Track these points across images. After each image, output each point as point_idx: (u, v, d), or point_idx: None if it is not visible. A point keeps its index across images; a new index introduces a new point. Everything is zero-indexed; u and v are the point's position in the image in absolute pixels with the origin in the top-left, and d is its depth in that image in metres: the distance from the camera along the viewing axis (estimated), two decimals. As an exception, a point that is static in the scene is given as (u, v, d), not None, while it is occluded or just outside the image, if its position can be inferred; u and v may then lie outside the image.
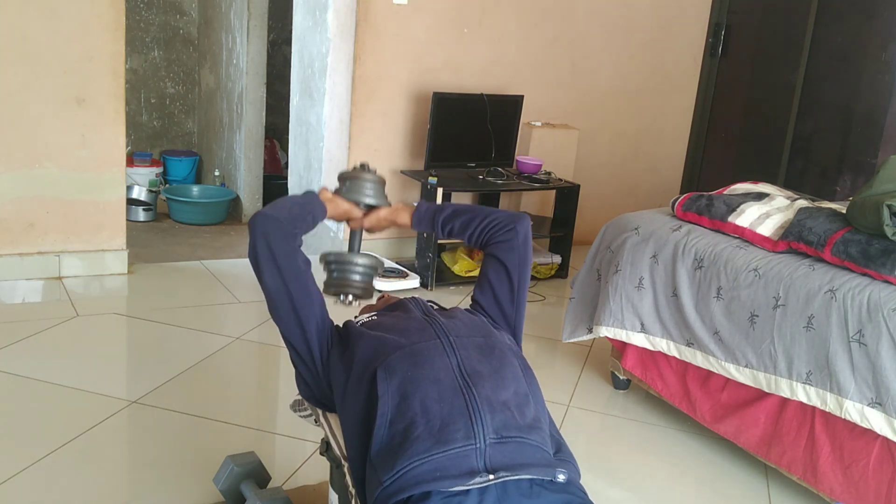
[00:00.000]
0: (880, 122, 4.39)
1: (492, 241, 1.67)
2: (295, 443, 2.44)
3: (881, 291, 2.09)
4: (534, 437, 1.33)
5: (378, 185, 1.77)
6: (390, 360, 1.39)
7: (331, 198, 1.70)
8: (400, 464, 1.25)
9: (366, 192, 1.74)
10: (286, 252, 1.50)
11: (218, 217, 4.92)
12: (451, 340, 1.44)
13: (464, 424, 1.28)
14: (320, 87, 4.16)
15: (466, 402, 1.32)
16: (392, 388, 1.34)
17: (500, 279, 1.64)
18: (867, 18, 4.46)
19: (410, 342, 1.43)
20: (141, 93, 5.51)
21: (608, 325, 2.81)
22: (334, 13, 4.00)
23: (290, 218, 1.54)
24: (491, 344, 1.48)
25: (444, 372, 1.37)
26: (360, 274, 1.72)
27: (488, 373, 1.38)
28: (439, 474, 1.23)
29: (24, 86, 3.36)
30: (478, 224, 1.68)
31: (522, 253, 1.67)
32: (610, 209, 4.57)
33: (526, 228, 1.68)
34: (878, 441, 2.12)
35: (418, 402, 1.31)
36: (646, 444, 2.69)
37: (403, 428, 1.29)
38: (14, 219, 3.46)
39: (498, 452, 1.27)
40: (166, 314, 3.32)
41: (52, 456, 2.23)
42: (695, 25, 5.10)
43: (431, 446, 1.26)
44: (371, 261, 1.74)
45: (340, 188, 1.75)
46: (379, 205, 1.76)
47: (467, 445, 1.26)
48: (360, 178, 1.75)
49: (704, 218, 2.65)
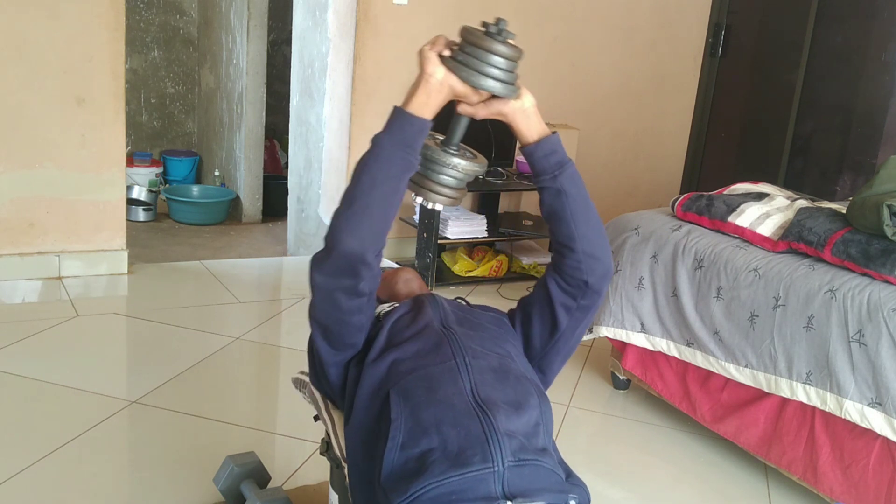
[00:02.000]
0: (880, 122, 4.39)
1: (563, 277, 1.44)
2: (295, 443, 2.44)
3: (881, 291, 2.09)
4: (547, 460, 1.27)
5: (512, 65, 1.31)
6: (404, 383, 1.31)
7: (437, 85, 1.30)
8: (413, 487, 1.18)
9: (491, 75, 1.29)
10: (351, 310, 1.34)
11: (218, 217, 4.92)
12: (467, 361, 1.34)
13: (481, 448, 1.21)
14: (320, 87, 4.16)
15: (483, 426, 1.24)
16: (406, 411, 1.27)
17: (541, 324, 1.48)
18: (867, 18, 4.46)
19: (425, 364, 1.33)
20: (141, 93, 5.51)
21: (608, 325, 2.81)
22: (334, 13, 4.00)
23: (380, 234, 1.28)
24: (506, 367, 1.37)
25: (457, 397, 1.28)
26: (454, 178, 1.39)
27: (502, 400, 1.30)
28: (455, 497, 1.16)
29: (24, 86, 3.36)
30: (577, 239, 1.40)
31: (585, 319, 1.46)
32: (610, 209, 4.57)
33: (603, 297, 1.47)
34: (878, 441, 2.12)
35: (433, 427, 1.24)
36: (646, 444, 2.69)
37: (419, 454, 1.22)
38: (14, 219, 3.46)
39: (516, 476, 1.21)
40: (166, 314, 3.32)
41: (52, 456, 2.23)
42: (695, 25, 5.10)
43: (447, 469, 1.19)
44: (473, 165, 1.40)
45: (457, 54, 1.29)
46: (506, 96, 1.33)
47: (485, 469, 1.19)
48: (488, 49, 1.28)
49: (704, 218, 2.65)
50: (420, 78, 1.31)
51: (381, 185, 1.27)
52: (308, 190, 4.38)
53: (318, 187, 4.27)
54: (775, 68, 4.90)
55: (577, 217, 1.40)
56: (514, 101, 1.37)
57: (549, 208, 1.42)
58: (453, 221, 3.98)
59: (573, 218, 1.40)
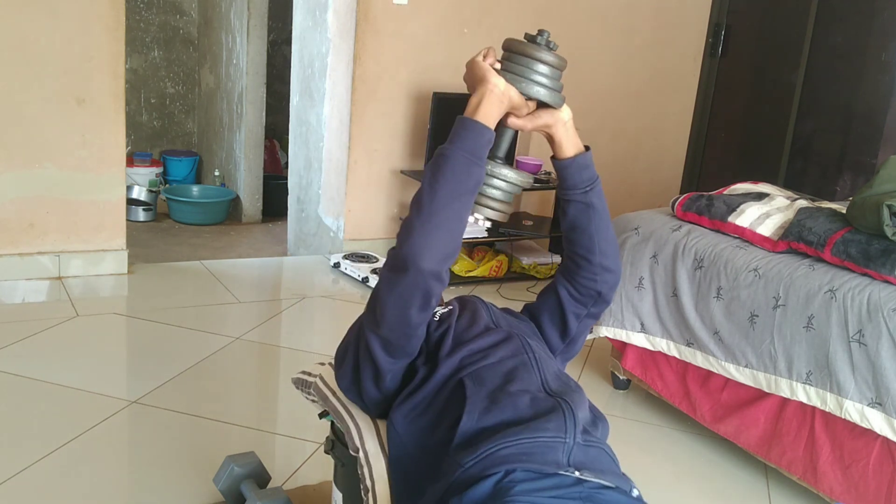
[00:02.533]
0: (880, 122, 4.39)
1: (576, 286, 1.49)
2: (295, 443, 2.44)
3: (881, 291, 2.09)
4: (609, 450, 1.31)
5: (558, 73, 1.34)
6: (479, 372, 1.31)
7: (501, 96, 1.29)
8: (484, 446, 1.18)
9: (543, 83, 1.30)
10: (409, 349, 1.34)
11: (218, 217, 4.92)
12: (537, 357, 1.37)
13: (556, 419, 1.23)
14: (320, 87, 4.16)
15: (558, 404, 1.27)
16: (481, 393, 1.27)
17: (552, 330, 1.53)
18: (867, 18, 4.46)
19: (499, 358, 1.34)
20: (141, 93, 5.51)
21: (608, 325, 2.81)
22: (334, 13, 4.00)
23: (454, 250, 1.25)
24: (563, 373, 1.43)
25: (532, 386, 1.31)
26: (503, 190, 1.36)
27: (571, 392, 1.34)
28: (525, 458, 1.17)
29: (24, 86, 3.36)
30: (596, 252, 1.45)
31: (591, 325, 1.54)
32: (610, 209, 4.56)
33: (610, 304, 1.52)
34: (878, 441, 2.12)
35: (510, 406, 1.25)
36: (646, 444, 2.69)
37: (495, 423, 1.22)
38: (14, 219, 3.46)
39: (583, 453, 1.23)
40: (166, 314, 3.32)
41: (52, 456, 2.23)
42: (695, 25, 5.10)
43: (521, 431, 1.20)
44: (520, 177, 1.38)
45: (506, 66, 1.31)
46: (554, 104, 1.35)
47: (556, 438, 1.21)
48: (539, 59, 1.30)
49: (704, 218, 2.65)
50: (484, 89, 1.29)
51: (458, 199, 1.24)
52: (308, 190, 4.38)
53: (318, 187, 4.27)
54: (775, 68, 4.90)
55: (600, 231, 1.45)
56: (558, 114, 1.39)
57: (575, 220, 1.45)
58: (453, 221, 3.97)
59: (597, 232, 1.44)
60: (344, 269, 4.00)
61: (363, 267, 3.97)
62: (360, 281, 3.88)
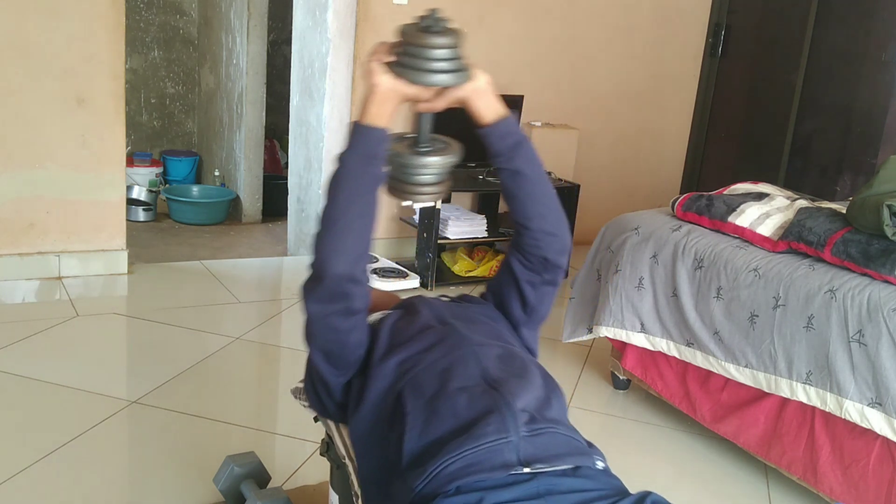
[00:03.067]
0: (880, 122, 4.39)
1: (524, 254, 1.47)
2: (295, 443, 2.44)
3: (881, 291, 2.09)
4: (562, 428, 1.29)
5: (454, 52, 1.28)
6: (416, 379, 1.30)
7: (387, 93, 1.30)
8: (431, 465, 1.19)
9: (436, 69, 1.26)
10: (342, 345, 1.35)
11: (218, 217, 4.92)
12: (475, 350, 1.36)
13: (494, 420, 1.22)
14: (320, 87, 4.16)
15: (495, 401, 1.26)
16: (419, 404, 1.27)
17: (513, 302, 1.52)
18: (867, 18, 4.46)
19: (434, 358, 1.34)
20: (141, 93, 5.51)
21: (608, 325, 2.81)
22: (334, 13, 4.00)
23: (364, 250, 1.28)
24: (511, 353, 1.40)
25: (471, 381, 1.30)
26: (432, 174, 1.37)
27: (513, 379, 1.32)
28: (473, 469, 1.17)
29: (24, 86, 3.36)
30: (534, 217, 1.42)
31: (552, 293, 1.50)
32: (610, 209, 4.56)
33: (565, 271, 1.50)
34: (878, 441, 2.12)
35: (450, 412, 1.25)
36: (646, 444, 2.69)
37: (437, 437, 1.23)
38: (14, 219, 3.46)
39: (531, 445, 1.22)
40: (166, 314, 3.32)
41: (52, 456, 2.23)
42: (695, 25, 5.10)
43: (463, 443, 1.19)
44: (444, 158, 1.37)
45: (400, 60, 1.29)
46: (456, 84, 1.30)
47: (500, 439, 1.20)
48: (427, 45, 1.26)
49: (704, 218, 2.65)
50: (369, 90, 1.32)
51: (356, 201, 1.27)
52: (308, 190, 4.38)
53: (318, 187, 4.27)
54: (775, 68, 4.90)
55: (533, 196, 1.42)
56: (468, 84, 1.34)
57: (507, 188, 1.43)
58: (453, 221, 3.98)
59: (529, 197, 1.42)
60: (344, 269, 3.99)
61: (363, 267, 3.96)
62: (360, 281, 3.87)
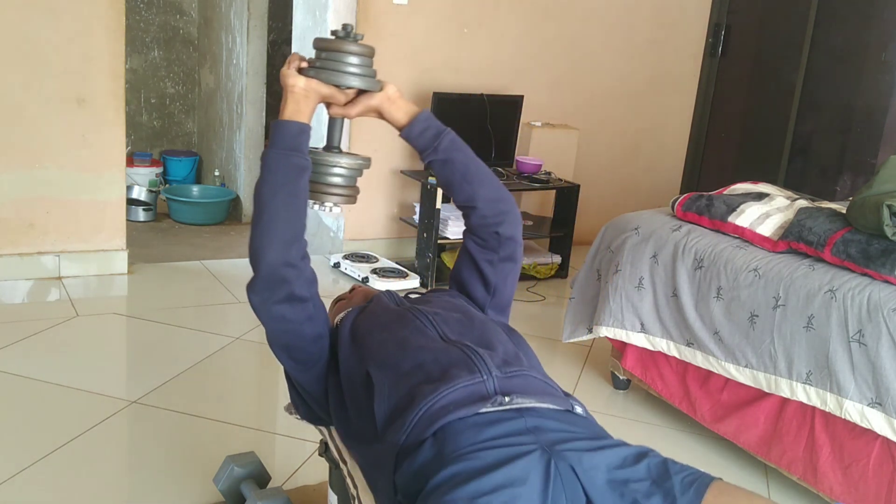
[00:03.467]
0: (880, 122, 4.39)
1: (477, 234, 1.51)
2: (295, 443, 2.44)
3: (881, 291, 2.09)
4: (536, 374, 1.29)
5: (366, 60, 1.41)
6: (378, 355, 1.33)
7: (303, 92, 1.37)
8: (410, 415, 1.18)
9: (349, 71, 1.38)
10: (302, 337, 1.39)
11: (218, 217, 4.92)
12: (430, 318, 1.38)
13: (466, 366, 1.23)
14: (320, 87, 4.16)
15: (462, 351, 1.27)
16: (386, 372, 1.29)
17: (474, 284, 1.53)
18: (867, 18, 4.46)
19: (392, 333, 1.36)
20: (141, 93, 5.51)
21: (608, 325, 2.80)
22: (334, 13, 4.00)
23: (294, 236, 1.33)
24: (470, 316, 1.42)
25: (431, 343, 1.32)
26: (342, 177, 1.46)
27: (472, 339, 1.33)
28: (452, 407, 1.17)
29: (24, 86, 3.36)
30: (477, 197, 1.47)
31: (512, 269, 1.53)
32: (610, 209, 4.56)
33: (520, 241, 1.52)
34: (878, 441, 2.12)
35: (416, 367, 1.26)
36: (646, 444, 2.68)
37: (406, 391, 1.23)
38: (14, 219, 3.46)
39: (507, 384, 1.22)
40: (166, 314, 3.32)
41: (52, 456, 2.23)
42: (695, 25, 5.10)
43: (437, 387, 1.20)
44: (354, 160, 1.48)
45: (315, 63, 1.40)
46: (367, 88, 1.42)
47: (475, 379, 1.22)
48: (340, 51, 1.38)
49: (704, 218, 2.65)
50: (286, 91, 1.38)
51: (280, 190, 1.33)
52: (308, 190, 4.38)
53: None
54: (775, 68, 4.90)
55: (469, 177, 1.47)
56: (380, 94, 1.45)
57: (443, 178, 1.50)
58: (453, 221, 3.97)
59: (466, 178, 1.47)
60: (344, 269, 4.00)
61: (363, 267, 3.97)
62: (359, 281, 3.88)
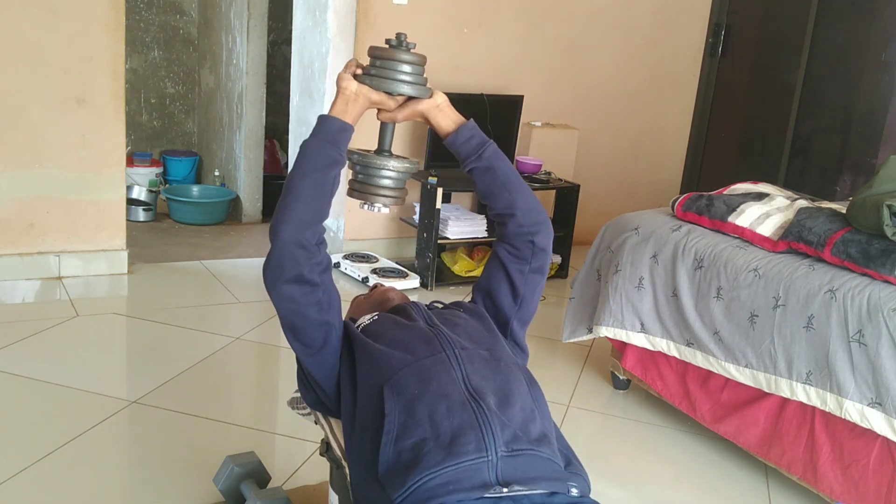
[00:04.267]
0: (880, 122, 4.39)
1: (511, 243, 1.55)
2: (295, 443, 2.44)
3: (881, 291, 2.09)
4: (544, 449, 1.30)
5: (417, 68, 1.49)
6: (397, 377, 1.33)
7: (354, 94, 1.45)
8: (411, 479, 1.21)
9: (401, 79, 1.46)
10: (306, 318, 1.41)
11: (218, 217, 4.92)
12: (457, 353, 1.38)
13: (475, 437, 1.24)
14: (320, 87, 4.16)
15: (476, 414, 1.28)
16: (399, 405, 1.30)
17: (503, 293, 1.57)
18: (867, 18, 4.46)
19: (417, 358, 1.37)
20: (141, 93, 5.51)
21: (608, 325, 2.81)
22: (334, 13, 4.00)
23: (313, 220, 1.36)
24: (497, 357, 1.42)
25: (451, 386, 1.32)
26: (391, 179, 1.51)
27: (494, 389, 1.34)
28: (452, 487, 1.19)
29: (24, 86, 3.36)
30: (515, 206, 1.52)
31: (540, 281, 1.57)
32: (610, 209, 4.56)
33: (549, 253, 1.58)
34: (878, 441, 2.12)
35: (427, 418, 1.27)
36: (646, 444, 2.69)
37: (412, 444, 1.25)
38: (14, 219, 3.46)
39: (510, 466, 1.24)
40: (166, 314, 3.32)
41: (52, 456, 2.23)
42: (695, 25, 5.10)
43: (442, 459, 1.22)
44: (404, 164, 1.52)
45: (369, 70, 1.48)
46: (417, 95, 1.49)
47: (479, 458, 1.22)
48: (394, 58, 1.46)
49: (704, 218, 2.65)
50: (337, 92, 1.47)
51: (309, 175, 1.38)
52: (308, 190, 4.38)
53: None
54: (775, 68, 4.90)
55: (509, 186, 1.52)
56: (429, 101, 1.51)
57: (484, 185, 1.54)
58: (453, 221, 3.98)
59: (506, 187, 1.52)
60: (344, 269, 4.00)
61: (363, 267, 3.97)
62: (359, 281, 3.88)
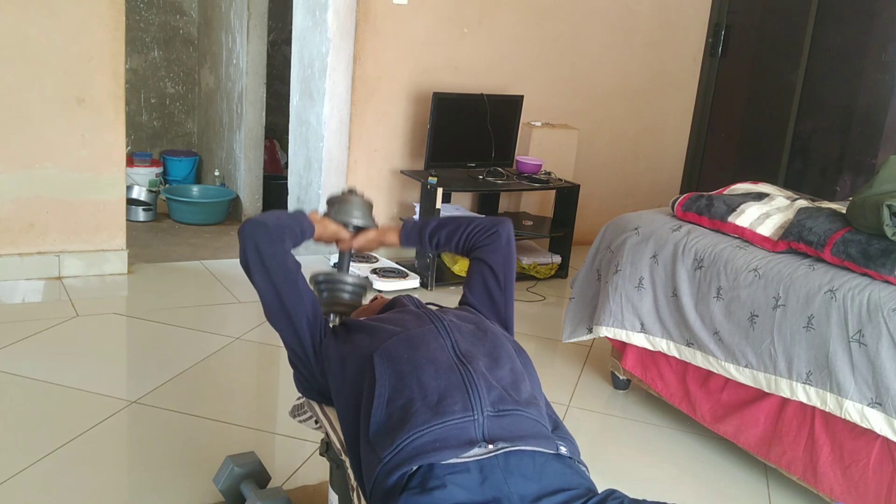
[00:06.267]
0: (880, 122, 4.39)
1: (476, 246, 1.73)
2: (295, 443, 2.44)
3: (881, 291, 2.09)
4: (531, 411, 1.36)
5: (365, 207, 1.86)
6: (387, 344, 1.43)
7: (319, 219, 1.76)
8: (399, 438, 1.27)
9: (353, 214, 1.82)
10: (274, 254, 1.55)
11: (218, 217, 4.92)
12: (445, 324, 1.49)
13: (461, 397, 1.31)
14: (320, 87, 4.16)
15: (463, 377, 1.35)
16: (389, 370, 1.38)
17: (486, 280, 1.70)
18: (867, 18, 4.46)
19: (406, 328, 1.48)
20: (141, 93, 5.51)
21: (608, 325, 2.81)
22: (334, 13, 4.00)
23: (279, 225, 1.59)
24: (483, 329, 1.53)
25: (439, 351, 1.41)
26: (349, 293, 1.82)
27: (482, 353, 1.43)
28: (439, 445, 1.25)
29: (24, 86, 3.36)
30: (462, 232, 1.74)
31: (506, 253, 1.72)
32: (610, 209, 4.57)
33: (509, 230, 1.74)
34: (878, 441, 2.12)
35: (415, 380, 1.35)
36: (646, 444, 2.69)
37: (401, 405, 1.32)
38: (14, 219, 3.46)
39: (496, 425, 1.30)
40: (166, 314, 3.33)
41: (52, 456, 2.23)
42: (695, 25, 5.10)
43: (430, 418, 1.28)
44: (360, 280, 1.83)
45: (329, 211, 1.83)
46: (367, 226, 1.85)
47: (465, 417, 1.29)
48: (347, 200, 1.84)
49: (704, 218, 2.65)
50: (316, 223, 1.76)
51: (283, 218, 1.64)
52: (308, 190, 4.38)
53: (318, 187, 4.27)
54: (775, 68, 4.90)
55: (462, 236, 1.74)
56: (371, 231, 1.83)
57: (448, 251, 1.88)
58: (453, 221, 3.97)
59: (462, 239, 1.74)
60: (344, 269, 4.00)
61: (363, 267, 3.97)
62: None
